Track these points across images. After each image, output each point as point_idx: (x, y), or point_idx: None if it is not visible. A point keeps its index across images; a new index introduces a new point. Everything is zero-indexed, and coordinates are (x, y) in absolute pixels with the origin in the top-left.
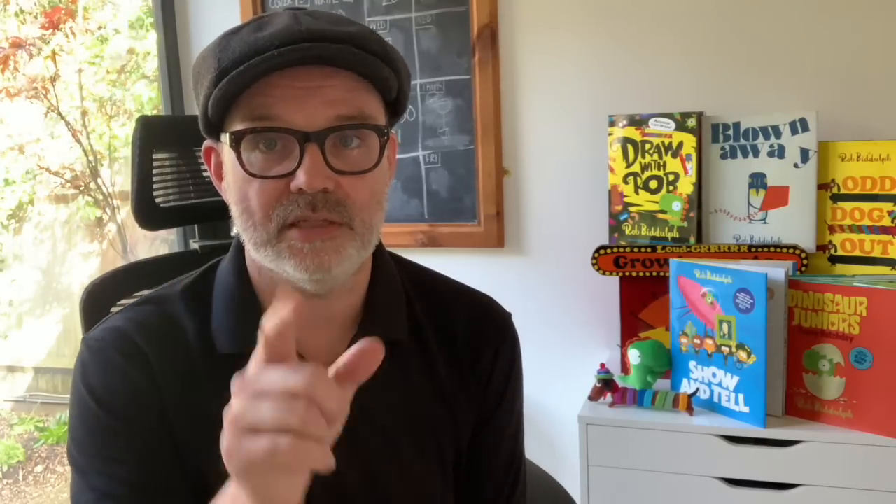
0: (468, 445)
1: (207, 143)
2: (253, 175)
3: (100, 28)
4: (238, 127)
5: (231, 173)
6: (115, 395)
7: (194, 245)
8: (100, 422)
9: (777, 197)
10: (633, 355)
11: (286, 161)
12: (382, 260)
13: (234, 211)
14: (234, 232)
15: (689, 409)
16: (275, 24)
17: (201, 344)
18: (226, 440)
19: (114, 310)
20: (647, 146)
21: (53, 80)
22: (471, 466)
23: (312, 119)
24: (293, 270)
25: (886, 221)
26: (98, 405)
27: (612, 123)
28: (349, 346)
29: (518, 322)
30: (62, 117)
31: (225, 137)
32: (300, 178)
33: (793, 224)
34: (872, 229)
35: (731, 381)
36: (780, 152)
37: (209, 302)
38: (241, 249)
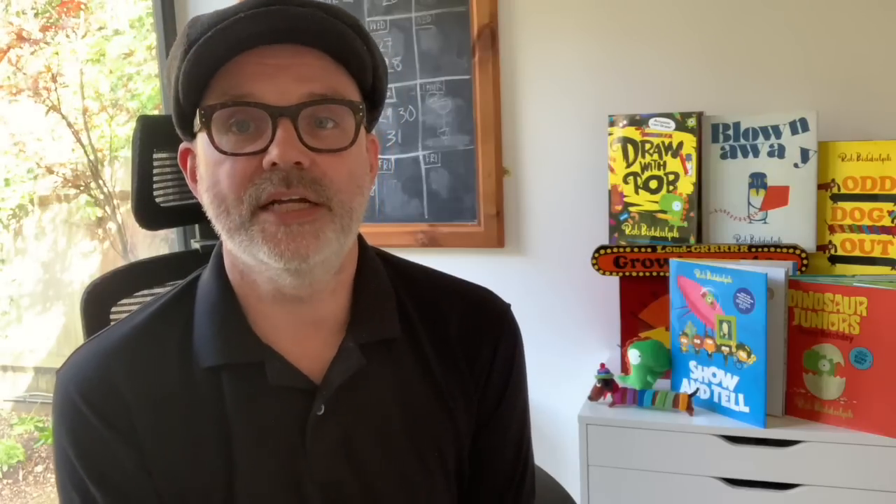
0: (470, 446)
1: (184, 145)
2: (224, 153)
3: (101, 28)
4: (209, 104)
5: (203, 161)
6: (92, 460)
7: (195, 245)
8: (78, 474)
9: (777, 197)
10: (633, 355)
11: (259, 140)
12: (367, 257)
13: (206, 199)
14: None
15: (689, 409)
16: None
17: (182, 361)
18: None
19: (112, 316)
20: (648, 146)
21: (55, 78)
22: (474, 467)
23: (285, 95)
24: (267, 257)
25: (886, 221)
26: (77, 462)
27: (612, 123)
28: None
29: (518, 322)
30: (63, 116)
31: (196, 119)
32: (272, 153)
33: (793, 224)
34: (872, 229)
35: (731, 381)
36: (780, 152)
37: (192, 315)
38: (221, 256)
